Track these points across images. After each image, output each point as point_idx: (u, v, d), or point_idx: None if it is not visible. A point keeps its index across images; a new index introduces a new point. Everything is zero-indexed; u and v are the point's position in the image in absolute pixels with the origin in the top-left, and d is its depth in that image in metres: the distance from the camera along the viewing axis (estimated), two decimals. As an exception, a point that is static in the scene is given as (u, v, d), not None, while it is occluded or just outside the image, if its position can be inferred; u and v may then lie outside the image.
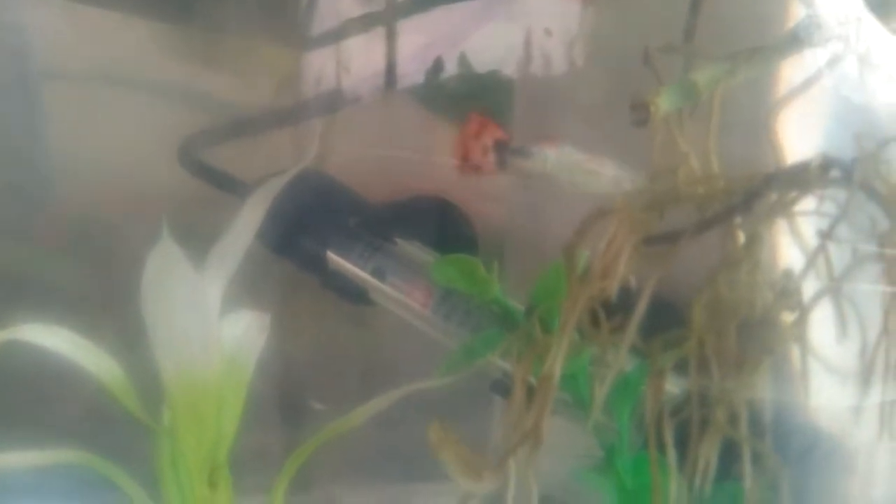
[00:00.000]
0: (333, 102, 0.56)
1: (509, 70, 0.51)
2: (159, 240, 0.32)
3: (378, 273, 0.52)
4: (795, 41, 0.41)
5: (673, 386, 0.31)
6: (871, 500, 0.38)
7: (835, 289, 0.26)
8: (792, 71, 0.42)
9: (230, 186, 0.54)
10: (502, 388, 0.48)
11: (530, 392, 0.45)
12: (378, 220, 0.54)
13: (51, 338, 0.35)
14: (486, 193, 0.56)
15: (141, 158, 0.54)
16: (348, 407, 0.41)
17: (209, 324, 0.34)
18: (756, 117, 0.41)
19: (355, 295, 0.53)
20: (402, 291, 0.51)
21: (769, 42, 0.42)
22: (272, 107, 0.57)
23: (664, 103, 0.37)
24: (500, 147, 0.34)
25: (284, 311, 0.45)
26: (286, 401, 0.52)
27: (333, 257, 0.53)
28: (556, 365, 0.26)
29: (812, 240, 0.27)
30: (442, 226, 0.56)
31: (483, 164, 0.34)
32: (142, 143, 0.54)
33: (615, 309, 0.29)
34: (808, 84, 0.40)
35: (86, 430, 0.39)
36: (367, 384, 0.55)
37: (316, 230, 0.54)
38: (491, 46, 0.51)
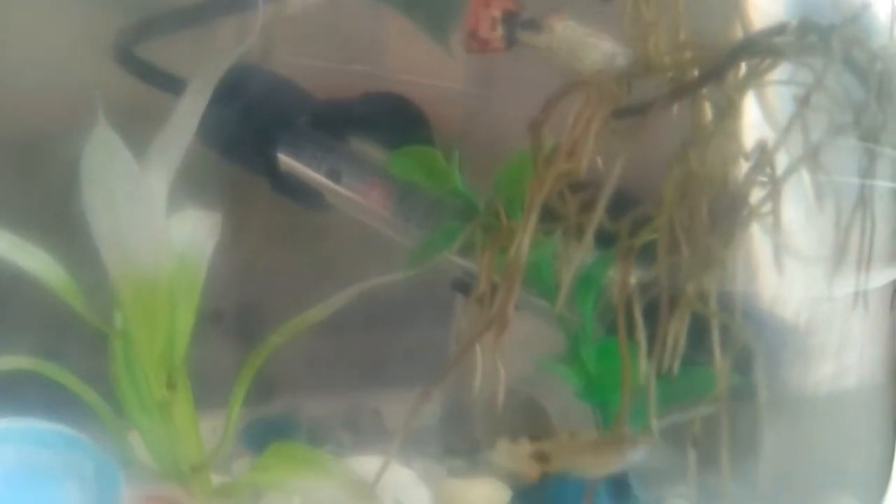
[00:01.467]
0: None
1: None
2: (95, 126, 0.29)
3: (333, 174, 0.50)
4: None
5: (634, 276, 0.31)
6: (824, 383, 0.39)
7: (810, 160, 0.25)
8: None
9: (170, 85, 0.51)
10: (463, 285, 0.47)
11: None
12: (330, 118, 0.52)
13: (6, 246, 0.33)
14: (440, 95, 0.54)
15: (71, 58, 0.50)
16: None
17: (155, 219, 0.32)
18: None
19: (309, 198, 0.51)
20: (359, 193, 0.49)
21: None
22: None
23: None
24: (510, 19, 0.32)
25: (235, 216, 0.43)
26: (240, 308, 0.51)
27: (285, 159, 0.51)
28: (524, 247, 0.25)
29: (786, 111, 0.26)
30: (396, 124, 0.54)
31: (491, 39, 0.32)
32: (71, 42, 0.50)
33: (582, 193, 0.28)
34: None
35: (38, 339, 0.38)
36: (322, 290, 0.54)
37: (264, 129, 0.51)
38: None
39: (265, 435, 0.44)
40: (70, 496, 0.34)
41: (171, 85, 0.51)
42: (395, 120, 0.53)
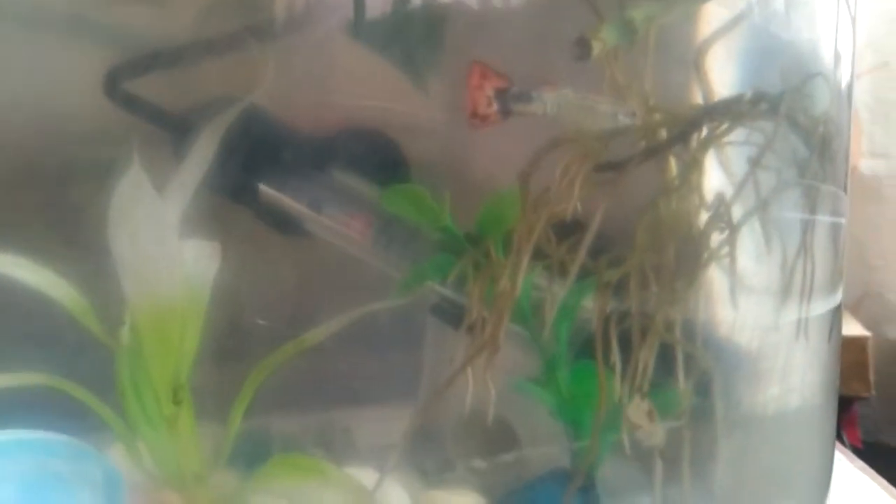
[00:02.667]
0: (268, 32, 0.56)
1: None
2: (130, 167, 0.32)
3: (314, 205, 0.53)
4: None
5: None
6: (776, 403, 0.43)
7: (761, 211, 0.29)
8: (716, 9, 0.45)
9: (158, 119, 0.54)
10: (441, 311, 0.50)
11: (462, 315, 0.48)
12: (310, 152, 0.55)
13: (14, 268, 0.36)
14: (417, 128, 0.57)
15: (61, 94, 0.53)
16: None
17: (172, 248, 0.35)
18: (684, 54, 0.44)
19: (289, 226, 0.54)
20: (339, 223, 0.52)
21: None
22: (203, 36, 0.56)
23: (604, 39, 0.39)
24: (501, 95, 0.35)
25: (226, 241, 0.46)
26: (236, 328, 0.54)
27: (266, 190, 0.54)
28: (518, 280, 0.29)
29: (741, 167, 0.30)
30: (373, 157, 0.57)
31: (488, 114, 0.35)
32: (61, 78, 0.53)
33: (563, 235, 0.32)
34: (736, 21, 0.42)
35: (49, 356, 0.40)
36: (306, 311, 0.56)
37: (246, 162, 0.54)
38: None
39: (243, 449, 0.47)
40: (81, 500, 0.36)
41: (156, 116, 0.54)
42: (373, 153, 0.57)
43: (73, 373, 0.39)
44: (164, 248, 0.35)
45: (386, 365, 0.56)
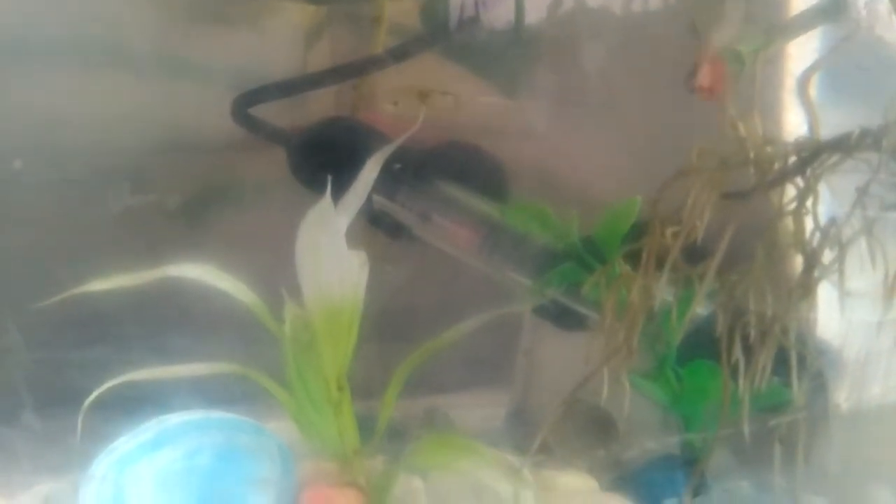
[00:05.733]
0: (382, 61, 0.62)
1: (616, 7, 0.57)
2: (322, 199, 0.39)
3: (423, 215, 0.59)
4: (821, 15, 0.48)
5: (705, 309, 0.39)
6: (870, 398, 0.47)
7: (867, 232, 0.34)
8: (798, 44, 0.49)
9: (277, 137, 0.61)
10: (546, 312, 0.55)
11: (565, 315, 0.53)
12: (419, 164, 0.61)
13: (209, 275, 0.43)
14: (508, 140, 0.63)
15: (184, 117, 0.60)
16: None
17: (345, 261, 0.42)
18: (773, 86, 0.48)
19: (399, 232, 0.60)
20: (447, 231, 0.58)
21: (797, 17, 0.49)
22: (318, 68, 0.63)
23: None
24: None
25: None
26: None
27: (379, 199, 0.59)
28: (659, 294, 0.34)
29: (850, 195, 0.35)
30: (475, 169, 0.63)
31: (715, 87, 0.41)
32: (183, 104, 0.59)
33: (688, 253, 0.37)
34: (833, 53, 0.47)
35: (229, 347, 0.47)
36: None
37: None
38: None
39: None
40: (263, 468, 0.43)
41: (276, 136, 0.61)
42: (474, 166, 0.63)
43: (253, 363, 0.45)
44: (341, 263, 0.41)
45: (478, 354, 0.61)
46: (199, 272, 0.43)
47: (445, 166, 0.61)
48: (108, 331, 0.50)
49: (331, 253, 0.40)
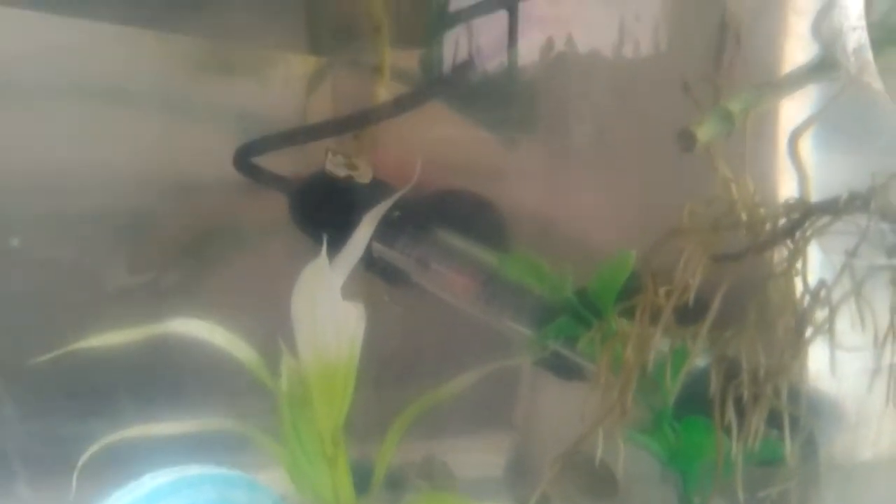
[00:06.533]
0: (385, 112, 0.63)
1: (606, 53, 0.58)
2: (317, 258, 0.40)
3: (421, 262, 0.59)
4: (811, 73, 0.49)
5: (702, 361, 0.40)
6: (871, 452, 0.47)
7: (855, 293, 0.34)
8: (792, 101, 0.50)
9: (279, 185, 0.62)
10: (545, 362, 0.55)
11: (563, 365, 0.53)
12: (418, 211, 0.61)
13: (203, 330, 0.43)
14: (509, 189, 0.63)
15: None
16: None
17: (341, 317, 0.42)
18: (764, 144, 0.49)
19: (397, 279, 0.61)
20: (445, 278, 0.59)
21: (788, 75, 0.49)
22: (316, 119, 0.64)
23: (706, 131, 0.44)
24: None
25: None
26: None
27: (378, 246, 0.60)
28: (651, 353, 0.34)
29: (839, 254, 0.35)
30: (474, 217, 0.63)
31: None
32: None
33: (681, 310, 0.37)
34: (823, 111, 0.48)
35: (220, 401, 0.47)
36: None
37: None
38: (591, 31, 0.58)
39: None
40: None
41: (278, 184, 0.62)
42: (473, 213, 0.63)
43: (246, 417, 0.45)
44: (336, 319, 0.41)
45: (476, 401, 0.61)
46: (194, 328, 0.43)
47: (444, 213, 0.61)
48: (101, 389, 0.50)
49: (327, 310, 0.41)
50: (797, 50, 0.50)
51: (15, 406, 0.52)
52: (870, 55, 0.48)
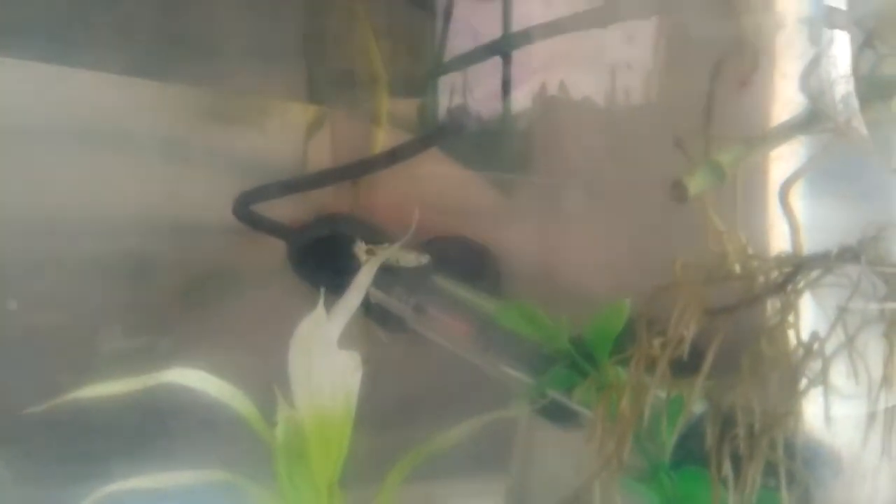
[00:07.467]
0: (381, 162, 0.64)
1: (598, 100, 0.59)
2: (315, 309, 0.40)
3: (419, 307, 0.60)
4: (800, 126, 0.50)
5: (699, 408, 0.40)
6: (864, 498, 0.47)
7: (848, 345, 0.35)
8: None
9: (278, 232, 0.63)
10: (544, 411, 0.55)
11: (569, 419, 0.53)
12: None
13: (199, 380, 0.43)
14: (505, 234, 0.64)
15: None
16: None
17: (338, 368, 0.42)
18: (756, 194, 0.49)
19: (394, 324, 0.61)
20: (441, 324, 0.59)
21: (777, 127, 0.50)
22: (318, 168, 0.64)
23: (698, 183, 0.45)
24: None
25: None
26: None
27: (375, 293, 0.60)
28: (647, 405, 0.34)
29: (831, 308, 0.36)
30: (469, 262, 0.64)
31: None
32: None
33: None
34: (813, 163, 0.48)
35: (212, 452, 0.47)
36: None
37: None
38: (581, 77, 0.59)
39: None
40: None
41: (277, 231, 0.62)
42: (467, 259, 0.64)
43: (241, 467, 0.45)
44: (333, 370, 0.41)
45: (475, 442, 0.61)
46: (189, 378, 0.43)
47: (440, 259, 0.62)
48: (95, 441, 0.50)
49: (324, 363, 0.41)
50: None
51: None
52: (857, 105, 0.48)
